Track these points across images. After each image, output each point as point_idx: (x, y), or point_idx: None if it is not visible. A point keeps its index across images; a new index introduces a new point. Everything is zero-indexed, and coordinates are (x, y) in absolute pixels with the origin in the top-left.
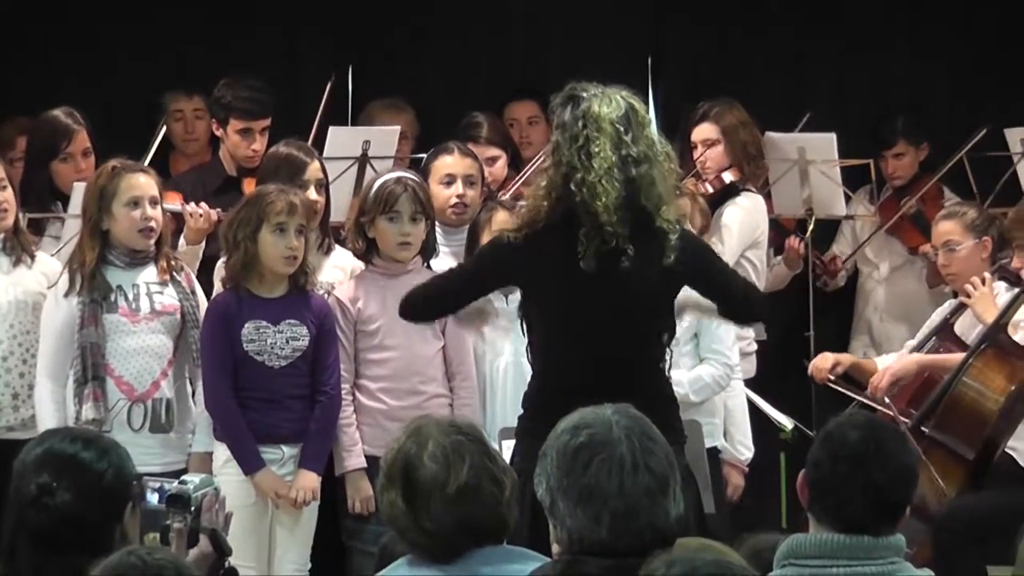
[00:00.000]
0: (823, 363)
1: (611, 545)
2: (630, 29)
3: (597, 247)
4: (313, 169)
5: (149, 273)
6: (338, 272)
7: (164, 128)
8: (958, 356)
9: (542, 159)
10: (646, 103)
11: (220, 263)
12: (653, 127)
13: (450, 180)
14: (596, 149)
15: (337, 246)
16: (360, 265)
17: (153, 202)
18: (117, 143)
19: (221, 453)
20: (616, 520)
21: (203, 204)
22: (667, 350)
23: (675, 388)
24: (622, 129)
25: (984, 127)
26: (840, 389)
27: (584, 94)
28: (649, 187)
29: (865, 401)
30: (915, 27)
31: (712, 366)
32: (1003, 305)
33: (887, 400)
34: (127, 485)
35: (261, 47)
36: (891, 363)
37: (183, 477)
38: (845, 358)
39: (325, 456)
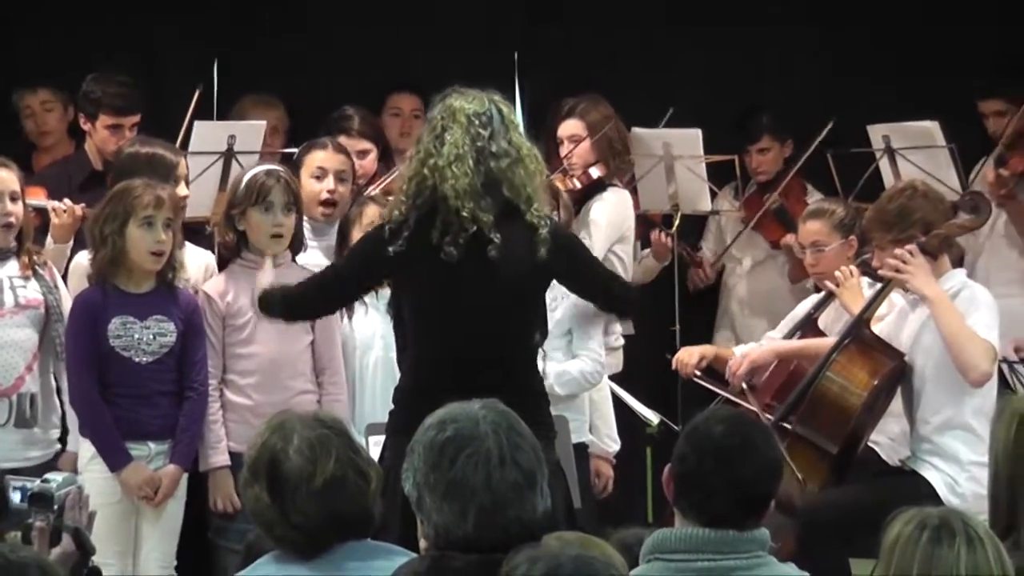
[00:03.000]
0: (688, 358)
1: (477, 540)
2: (496, 25)
3: (457, 233)
4: (183, 165)
5: (11, 267)
6: (191, 268)
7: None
8: (816, 341)
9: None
10: (513, 100)
11: (76, 260)
12: (521, 133)
13: (321, 174)
14: (448, 137)
15: (187, 242)
16: (211, 260)
17: (12, 197)
18: None
19: (86, 450)
20: (482, 515)
21: (67, 200)
22: (537, 345)
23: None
24: (478, 123)
25: (832, 119)
26: (705, 384)
27: (453, 93)
28: (510, 181)
29: (730, 397)
30: (781, 24)
31: (583, 362)
32: (867, 300)
33: (745, 386)
34: None
35: (123, 39)
36: (749, 349)
37: (45, 476)
38: (708, 350)
39: (193, 453)
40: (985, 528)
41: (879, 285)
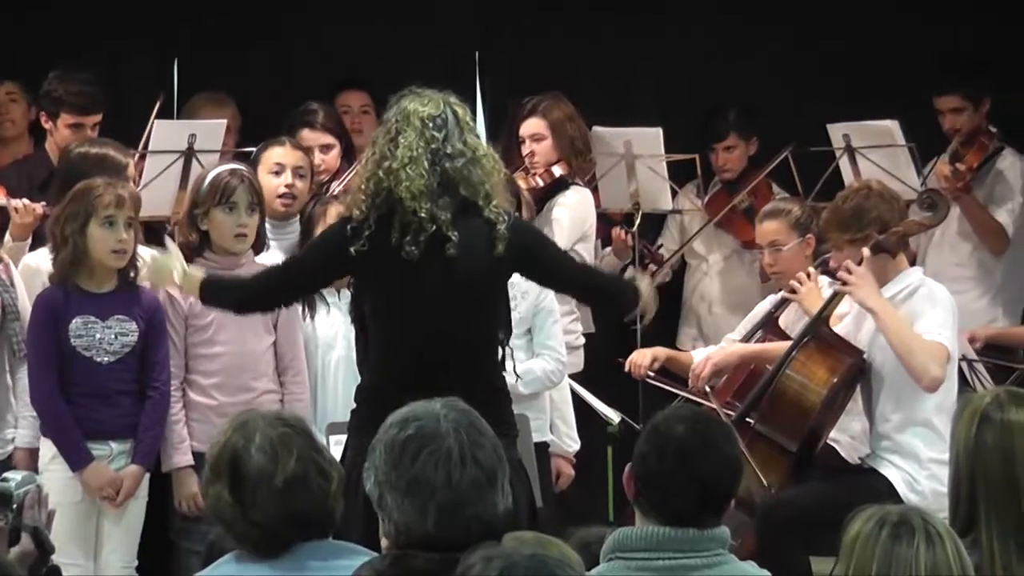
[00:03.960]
0: (641, 359)
1: (438, 538)
2: (458, 24)
3: (416, 232)
4: (132, 166)
5: None
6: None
7: None
8: (778, 344)
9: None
10: (474, 99)
11: (25, 261)
12: (477, 135)
13: (279, 170)
14: (403, 140)
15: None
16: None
17: None
18: None
19: (47, 450)
20: (442, 513)
21: (25, 200)
22: (501, 344)
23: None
24: (432, 125)
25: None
26: (659, 384)
27: (409, 95)
28: (467, 180)
29: (690, 396)
30: (741, 23)
31: (545, 361)
32: (826, 299)
33: (708, 389)
34: None
35: (83, 38)
36: (712, 352)
37: (4, 475)
38: (661, 352)
39: (155, 453)
40: (944, 526)
41: (839, 284)
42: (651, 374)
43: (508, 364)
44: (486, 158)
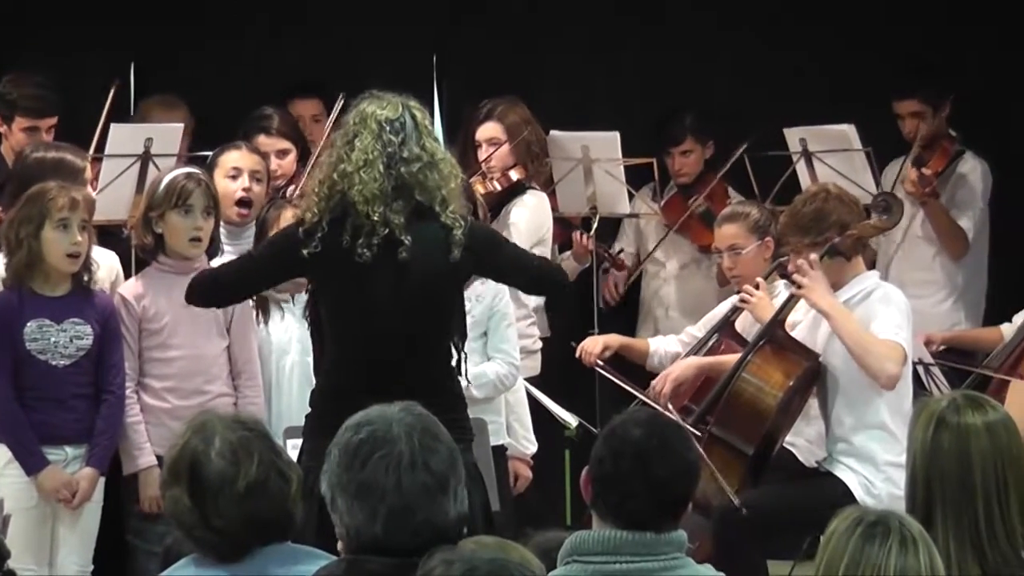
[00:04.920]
0: (592, 346)
1: (387, 542)
2: (415, 27)
3: (368, 235)
4: (88, 169)
5: None
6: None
7: None
8: (735, 357)
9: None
10: (431, 101)
11: None
12: (436, 139)
13: (236, 174)
14: (359, 143)
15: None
16: (117, 261)
17: None
18: None
19: (2, 455)
20: (391, 517)
21: None
22: (456, 348)
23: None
24: (390, 129)
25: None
26: (607, 375)
27: (368, 98)
28: (423, 185)
29: (646, 400)
30: (698, 26)
31: (498, 364)
32: (781, 302)
33: (669, 406)
34: None
35: (38, 40)
36: (671, 367)
37: None
38: (614, 340)
39: (110, 456)
40: (920, 530)
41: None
42: (600, 363)
43: (461, 368)
44: (444, 163)
